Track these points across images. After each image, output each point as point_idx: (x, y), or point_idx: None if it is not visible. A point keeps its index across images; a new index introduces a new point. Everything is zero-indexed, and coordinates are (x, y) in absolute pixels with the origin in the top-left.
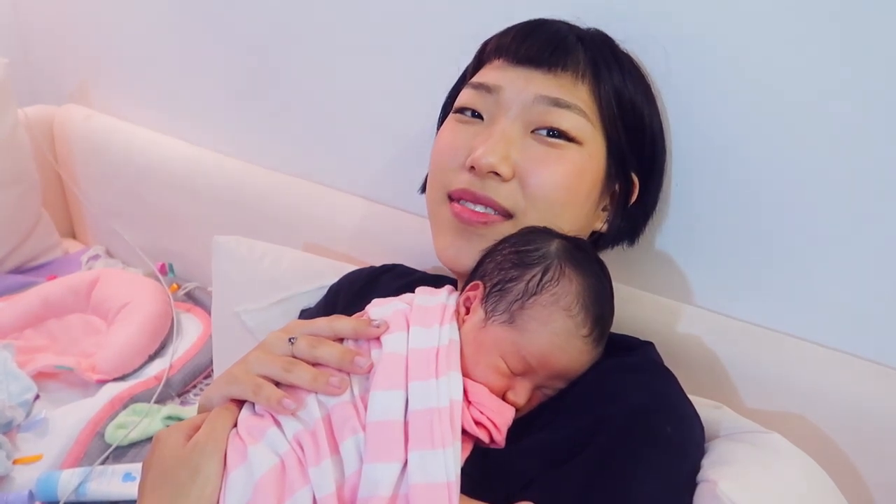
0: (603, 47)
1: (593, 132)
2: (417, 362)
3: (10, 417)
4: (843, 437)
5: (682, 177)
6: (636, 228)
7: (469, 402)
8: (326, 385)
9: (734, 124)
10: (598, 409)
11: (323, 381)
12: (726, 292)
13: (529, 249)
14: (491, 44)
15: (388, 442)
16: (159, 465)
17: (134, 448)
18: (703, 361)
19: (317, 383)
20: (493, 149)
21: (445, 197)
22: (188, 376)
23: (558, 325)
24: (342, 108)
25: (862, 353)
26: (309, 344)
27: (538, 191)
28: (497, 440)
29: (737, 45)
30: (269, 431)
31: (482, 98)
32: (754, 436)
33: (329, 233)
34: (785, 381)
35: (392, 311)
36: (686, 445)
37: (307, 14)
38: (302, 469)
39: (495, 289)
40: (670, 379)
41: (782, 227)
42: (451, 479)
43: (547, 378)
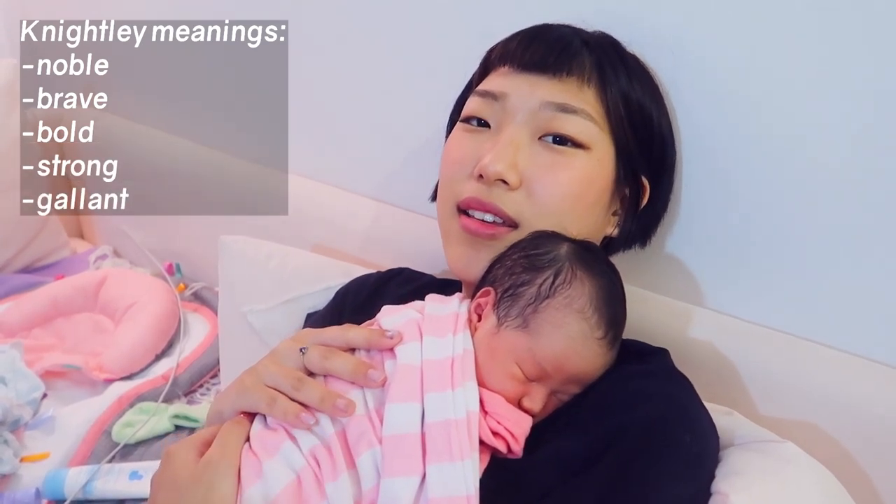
0: (609, 50)
1: (601, 136)
2: (432, 373)
3: (18, 416)
4: (859, 445)
5: (692, 178)
6: (648, 231)
7: (486, 412)
8: (333, 407)
9: (744, 125)
10: (615, 417)
11: (330, 403)
12: (738, 294)
13: (539, 253)
14: (496, 51)
15: (406, 455)
16: (172, 483)
17: (141, 447)
18: (714, 365)
19: (324, 405)
20: (501, 156)
21: (455, 210)
22: (195, 375)
23: (573, 327)
24: (351, 108)
25: (877, 357)
26: (321, 355)
27: (545, 199)
28: (515, 450)
29: (744, 48)
30: (283, 446)
31: (488, 106)
32: (767, 445)
33: (337, 234)
34: (798, 385)
35: (404, 320)
36: (704, 455)
37: (317, 14)
38: (319, 485)
39: (507, 294)
40: (687, 387)
41: (796, 227)
42: (470, 492)
43: (562, 383)
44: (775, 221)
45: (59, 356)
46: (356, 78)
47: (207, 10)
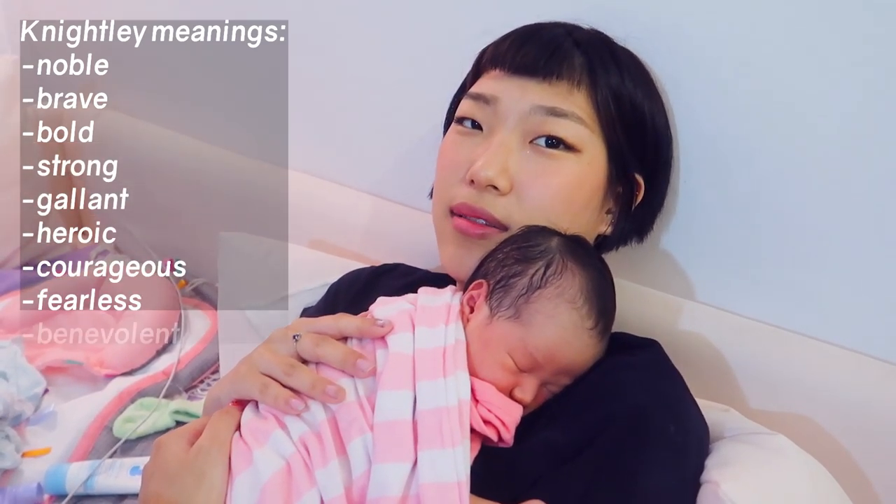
0: (601, 49)
1: (592, 138)
2: (424, 362)
3: (20, 411)
4: (850, 438)
5: (688, 173)
6: (643, 228)
7: (477, 400)
8: (323, 393)
9: (740, 120)
10: (602, 407)
11: (320, 389)
12: (732, 289)
13: (531, 245)
14: (488, 53)
15: (398, 442)
16: (163, 472)
17: (142, 442)
18: (707, 359)
19: (314, 390)
20: (491, 161)
21: (448, 212)
22: (196, 371)
23: (564, 317)
24: (351, 106)
25: (870, 352)
26: (313, 342)
27: (535, 204)
28: (505, 438)
29: (742, 41)
30: (273, 434)
31: (480, 109)
32: (759, 437)
33: (335, 230)
34: (790, 379)
35: (397, 311)
36: (689, 444)
37: (317, 14)
38: (308, 471)
39: (499, 285)
40: (674, 378)
41: (790, 222)
42: (461, 478)
43: (553, 374)
44: (771, 217)
45: (60, 352)
46: (356, 77)
47: (207, 10)
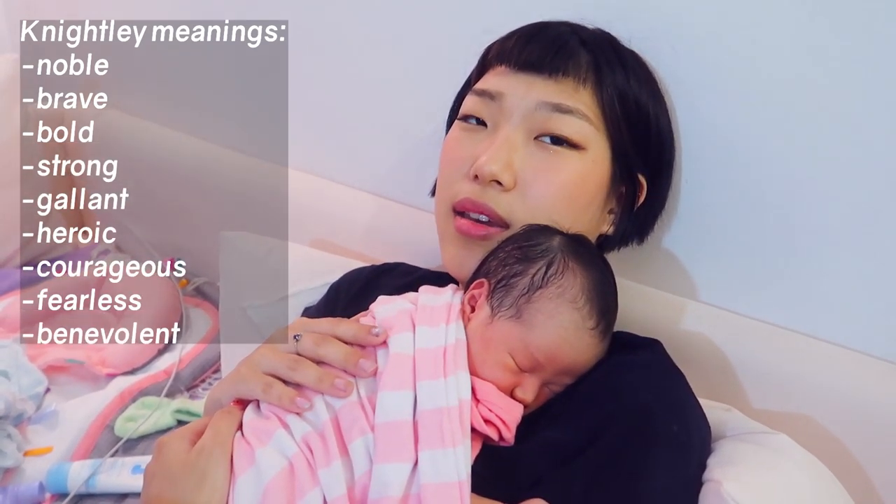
0: (606, 48)
1: (597, 136)
2: (425, 362)
3: (22, 410)
4: (851, 437)
5: (690, 174)
6: (645, 228)
7: (477, 400)
8: (331, 386)
9: (743, 121)
10: (604, 406)
11: (328, 383)
12: (734, 289)
13: (532, 244)
14: (493, 49)
15: (399, 442)
16: (165, 472)
17: (143, 441)
18: (709, 358)
19: (322, 384)
20: (495, 157)
21: (451, 211)
22: (197, 370)
23: (565, 317)
24: (351, 106)
25: (872, 352)
26: (314, 342)
27: (538, 201)
28: (506, 438)
29: (746, 41)
30: (276, 434)
31: (485, 105)
32: (761, 436)
33: (337, 229)
34: (792, 379)
35: (397, 310)
36: (691, 444)
37: (317, 14)
38: (311, 471)
39: (500, 284)
40: (677, 377)
41: (792, 223)
42: (462, 478)
43: (554, 374)
44: (774, 217)
45: (61, 351)
46: (356, 76)
47: (207, 10)
